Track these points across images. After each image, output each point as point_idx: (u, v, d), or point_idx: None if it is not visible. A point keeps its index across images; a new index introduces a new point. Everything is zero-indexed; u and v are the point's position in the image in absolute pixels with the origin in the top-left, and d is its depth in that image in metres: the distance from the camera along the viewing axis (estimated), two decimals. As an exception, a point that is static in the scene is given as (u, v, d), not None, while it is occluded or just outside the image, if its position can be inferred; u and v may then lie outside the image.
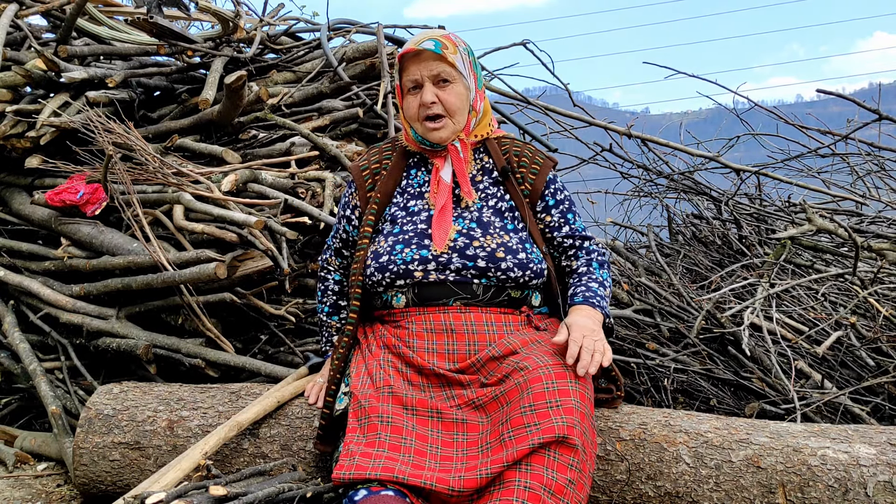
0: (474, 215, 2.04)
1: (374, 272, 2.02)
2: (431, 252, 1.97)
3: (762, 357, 2.84)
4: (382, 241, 2.05)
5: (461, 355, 1.93)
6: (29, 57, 3.25)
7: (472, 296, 1.97)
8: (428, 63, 2.00)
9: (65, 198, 2.93)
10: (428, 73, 2.01)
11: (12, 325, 2.93)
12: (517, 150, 2.14)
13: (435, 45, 1.99)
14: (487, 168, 2.13)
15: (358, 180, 2.18)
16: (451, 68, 2.01)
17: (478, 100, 2.10)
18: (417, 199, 2.09)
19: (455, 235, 1.99)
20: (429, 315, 1.97)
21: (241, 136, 3.37)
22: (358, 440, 1.81)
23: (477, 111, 2.11)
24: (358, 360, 2.04)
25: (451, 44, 2.02)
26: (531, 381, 1.77)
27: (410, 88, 2.05)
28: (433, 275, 1.96)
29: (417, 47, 1.99)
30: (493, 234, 2.00)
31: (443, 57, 1.99)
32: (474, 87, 2.08)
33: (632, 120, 4.44)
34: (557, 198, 2.13)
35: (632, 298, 3.35)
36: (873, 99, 3.71)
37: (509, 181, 2.09)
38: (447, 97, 2.02)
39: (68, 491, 2.54)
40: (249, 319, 2.89)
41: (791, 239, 3.37)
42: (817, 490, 1.82)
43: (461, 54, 2.04)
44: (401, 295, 2.01)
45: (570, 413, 1.70)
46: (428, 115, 2.03)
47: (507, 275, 1.97)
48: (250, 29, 3.86)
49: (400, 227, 2.05)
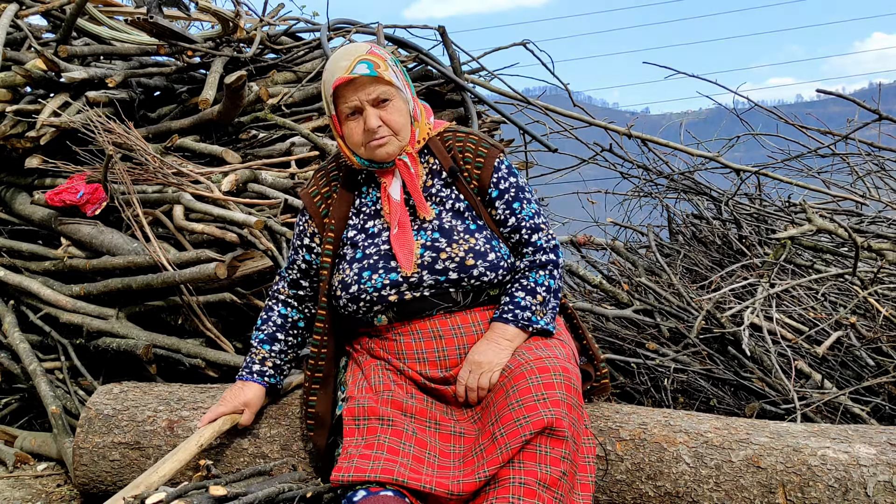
0: (435, 224, 1.96)
1: (347, 303, 1.97)
2: (401, 274, 1.92)
3: (762, 357, 2.84)
4: (347, 269, 1.98)
5: (452, 360, 1.92)
6: (29, 57, 3.25)
7: (454, 303, 1.95)
8: (365, 87, 1.89)
9: (65, 198, 2.93)
10: (366, 97, 1.90)
11: (12, 325, 2.93)
12: (460, 145, 2.03)
13: (368, 66, 1.88)
14: (435, 170, 2.03)
15: (311, 207, 2.08)
16: (389, 86, 1.91)
17: (416, 108, 2.02)
18: (374, 219, 2.01)
19: (420, 251, 1.93)
20: (415, 325, 1.95)
21: (241, 136, 3.37)
22: (357, 442, 1.81)
23: (417, 119, 2.01)
24: (353, 369, 2.04)
25: (381, 60, 1.92)
26: (515, 378, 1.79)
27: (349, 114, 1.93)
28: (408, 294, 1.92)
29: (350, 74, 1.88)
30: (459, 241, 1.94)
31: (379, 78, 1.89)
32: (411, 97, 2.00)
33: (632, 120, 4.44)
34: (501, 187, 2.01)
35: (632, 298, 3.35)
36: (873, 99, 3.71)
37: (458, 181, 2.01)
38: (390, 117, 1.93)
39: (68, 491, 2.54)
40: (249, 319, 2.89)
41: (791, 239, 3.37)
42: (817, 490, 1.82)
43: (391, 68, 1.93)
44: (381, 315, 1.98)
45: (557, 405, 1.72)
46: (373, 139, 1.93)
47: (481, 280, 1.93)
48: (250, 29, 3.85)
49: (362, 251, 1.98)
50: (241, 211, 2.76)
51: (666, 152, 4.44)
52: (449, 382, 1.92)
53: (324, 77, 1.96)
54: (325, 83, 1.95)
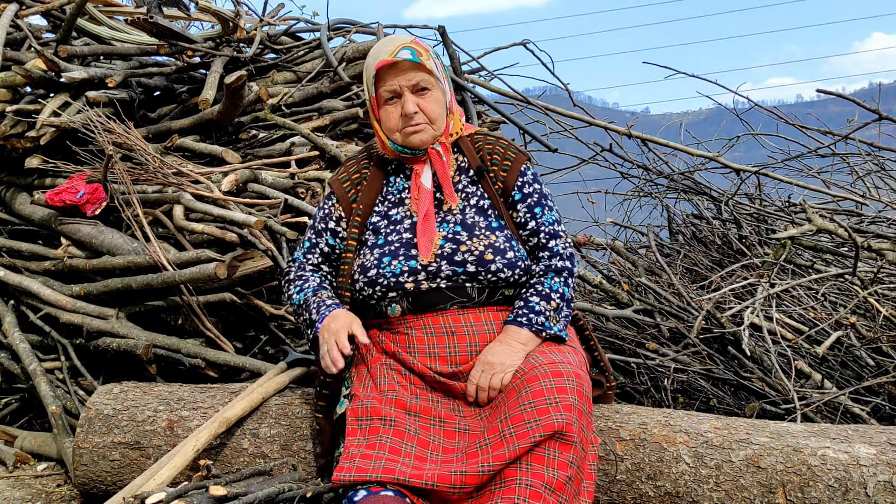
0: (458, 217, 2.01)
1: (363, 287, 2.00)
2: (420, 262, 1.95)
3: (762, 357, 2.84)
4: (368, 254, 2.02)
5: (463, 357, 1.93)
6: (29, 57, 3.25)
7: (468, 298, 1.96)
8: (406, 73, 1.96)
9: (65, 198, 2.93)
10: (407, 82, 1.96)
11: (12, 325, 2.93)
12: (489, 147, 2.10)
13: (411, 53, 1.94)
14: (463, 167, 2.09)
15: (339, 192, 2.12)
16: (429, 75, 1.98)
17: (453, 102, 2.09)
18: (398, 207, 2.07)
19: (441, 242, 1.96)
20: (427, 320, 1.96)
21: (241, 136, 3.37)
22: (359, 442, 1.82)
23: (453, 113, 2.08)
24: (359, 365, 2.04)
25: (424, 50, 1.98)
26: (528, 380, 1.80)
27: (388, 99, 2.00)
28: (424, 284, 1.95)
29: (394, 58, 1.95)
30: (480, 236, 1.98)
31: (420, 65, 1.96)
32: (449, 90, 2.06)
33: (632, 120, 4.44)
34: (525, 191, 2.06)
35: (632, 298, 3.35)
36: (873, 99, 3.71)
37: (484, 180, 2.07)
38: (427, 105, 1.99)
39: (68, 491, 2.54)
40: (249, 319, 2.89)
41: (791, 239, 3.37)
42: (817, 490, 1.82)
43: (433, 59, 2.00)
44: (395, 305, 1.99)
45: (569, 410, 1.73)
46: (408, 124, 1.99)
47: (498, 276, 1.96)
48: (250, 29, 3.86)
49: (384, 238, 2.02)
50: (241, 211, 2.76)
51: (666, 152, 4.45)
52: (458, 378, 1.92)
53: (367, 62, 2.02)
54: (367, 67, 2.01)
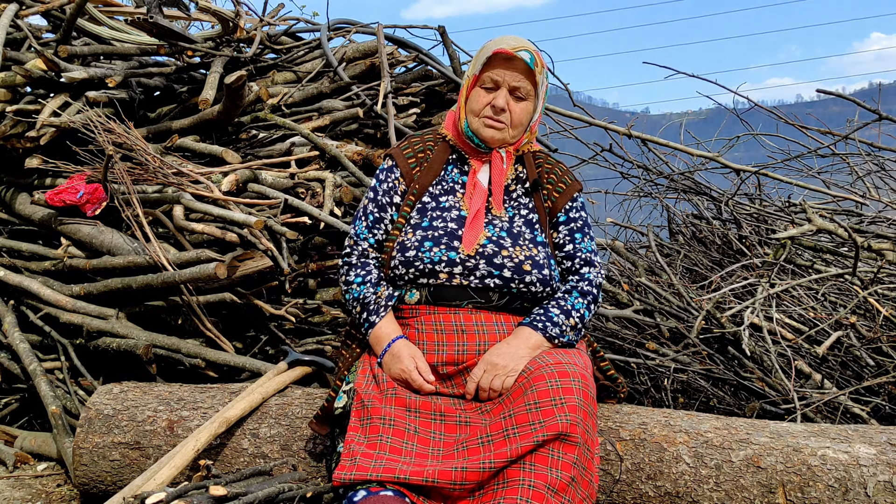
0: (505, 224, 2.04)
1: (398, 265, 2.01)
2: (459, 255, 1.97)
3: (762, 357, 2.84)
4: (410, 233, 2.03)
5: (470, 355, 1.94)
6: (29, 57, 3.25)
7: (487, 301, 1.98)
8: (516, 73, 1.98)
9: (65, 198, 2.93)
10: (511, 80, 1.99)
11: (12, 325, 2.93)
12: (549, 167, 2.15)
13: (530, 58, 1.97)
14: (521, 178, 2.13)
15: (404, 167, 2.12)
16: (533, 87, 2.01)
17: (537, 123, 2.11)
18: (449, 195, 2.08)
19: (485, 241, 1.99)
20: (439, 315, 1.97)
21: (241, 136, 3.37)
22: (359, 440, 1.82)
23: (532, 132, 2.12)
24: (364, 358, 2.05)
25: (541, 63, 2.02)
26: (534, 379, 1.80)
27: (485, 85, 2.02)
28: (457, 278, 1.96)
29: (515, 53, 1.97)
30: (523, 246, 2.01)
31: (532, 73, 1.99)
32: (540, 112, 2.09)
33: (632, 120, 4.44)
34: (570, 215, 2.12)
35: (632, 298, 3.35)
36: (873, 99, 3.71)
37: (537, 194, 2.11)
38: (516, 110, 2.02)
39: (68, 491, 2.54)
40: (249, 319, 2.89)
41: (791, 239, 3.37)
42: (817, 490, 1.82)
43: (543, 78, 2.04)
44: (415, 291, 2.01)
45: (574, 411, 1.74)
46: (491, 117, 2.01)
47: (529, 288, 1.98)
48: (250, 29, 3.86)
49: (429, 222, 2.03)
50: (241, 211, 2.76)
51: (666, 152, 4.44)
52: (462, 373, 1.93)
53: (486, 43, 2.03)
54: (485, 47, 2.02)
